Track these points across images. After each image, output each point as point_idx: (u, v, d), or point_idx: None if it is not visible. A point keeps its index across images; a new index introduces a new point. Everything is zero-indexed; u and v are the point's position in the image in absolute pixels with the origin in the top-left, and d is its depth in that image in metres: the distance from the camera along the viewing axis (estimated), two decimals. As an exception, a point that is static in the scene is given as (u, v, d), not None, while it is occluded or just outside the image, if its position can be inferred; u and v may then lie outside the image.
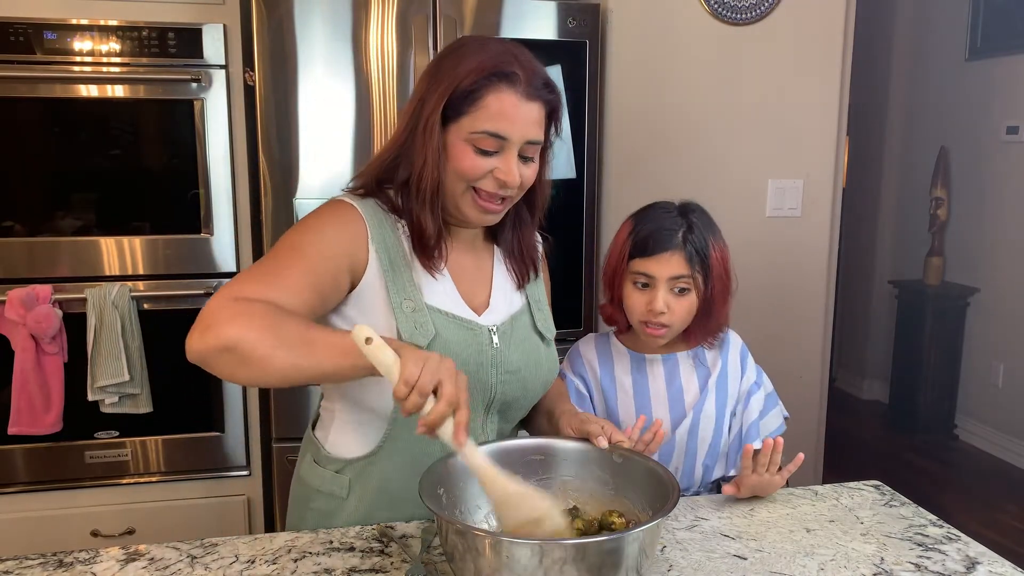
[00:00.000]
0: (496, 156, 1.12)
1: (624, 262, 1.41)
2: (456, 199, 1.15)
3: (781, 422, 1.47)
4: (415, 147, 1.13)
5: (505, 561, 0.89)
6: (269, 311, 1.00)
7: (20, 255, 2.18)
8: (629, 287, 1.41)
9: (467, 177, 1.13)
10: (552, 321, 1.35)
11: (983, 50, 3.92)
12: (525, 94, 1.11)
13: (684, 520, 1.23)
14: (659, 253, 1.36)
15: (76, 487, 2.28)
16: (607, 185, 2.48)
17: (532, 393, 1.27)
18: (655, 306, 1.36)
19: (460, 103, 1.10)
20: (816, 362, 2.68)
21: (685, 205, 1.43)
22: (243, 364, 0.97)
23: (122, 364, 2.17)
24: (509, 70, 1.10)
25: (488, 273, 1.28)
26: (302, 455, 1.32)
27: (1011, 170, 3.79)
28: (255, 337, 0.96)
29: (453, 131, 1.12)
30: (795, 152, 2.57)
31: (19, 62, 2.12)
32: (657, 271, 1.36)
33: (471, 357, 1.18)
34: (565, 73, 2.31)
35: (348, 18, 2.16)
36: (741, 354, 1.49)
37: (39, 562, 1.09)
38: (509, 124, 1.11)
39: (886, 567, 1.09)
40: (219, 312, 0.99)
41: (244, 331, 0.96)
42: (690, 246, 1.36)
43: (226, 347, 0.97)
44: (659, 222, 1.39)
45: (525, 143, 1.13)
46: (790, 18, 2.49)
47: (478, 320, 1.21)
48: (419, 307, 1.15)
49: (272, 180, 2.18)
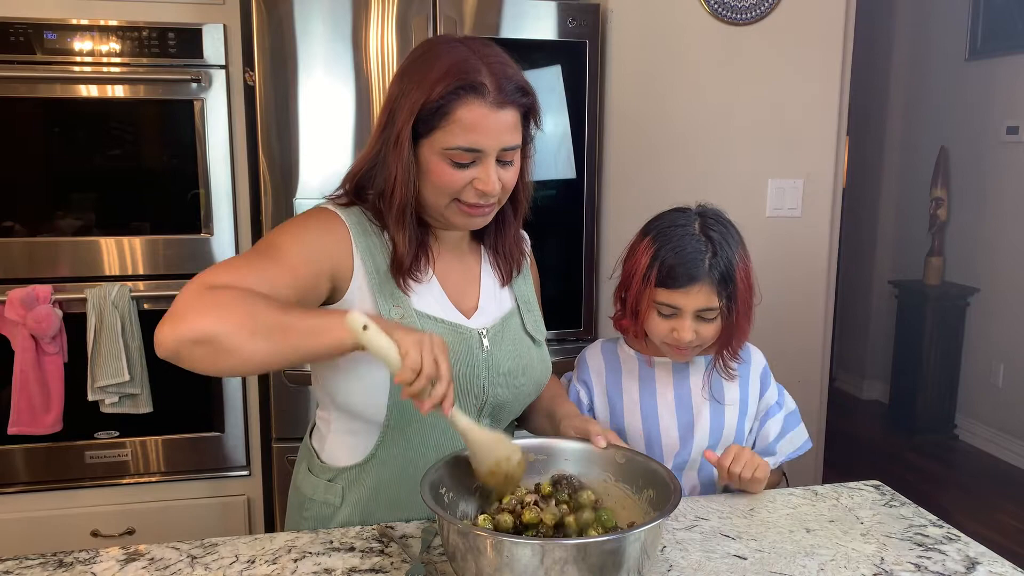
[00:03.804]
0: (473, 167, 1.10)
1: (649, 288, 1.33)
2: (441, 211, 1.14)
3: (805, 439, 1.45)
4: (388, 162, 1.11)
5: (506, 560, 0.89)
6: (243, 297, 0.97)
7: (20, 255, 2.18)
8: (653, 314, 1.35)
9: (447, 191, 1.11)
10: (543, 322, 1.33)
11: (983, 50, 3.92)
12: (496, 103, 1.08)
13: (684, 520, 1.23)
14: (687, 286, 1.30)
15: (76, 487, 2.28)
16: (607, 185, 2.48)
17: (524, 395, 1.27)
18: (683, 336, 1.31)
19: (431, 118, 1.08)
20: (816, 362, 2.68)
21: (704, 215, 1.36)
22: (219, 355, 0.94)
23: (122, 364, 2.17)
24: (477, 80, 1.07)
25: (476, 274, 1.27)
26: (299, 463, 1.32)
27: (1011, 170, 3.79)
28: (230, 327, 0.93)
29: (427, 146, 1.10)
30: (795, 152, 2.57)
31: (19, 62, 2.12)
32: (683, 303, 1.31)
33: (462, 361, 1.17)
34: (565, 73, 2.31)
35: (348, 18, 2.16)
36: (763, 373, 1.45)
37: (39, 562, 1.09)
38: (482, 136, 1.08)
39: (886, 567, 1.09)
40: (192, 302, 0.95)
41: (218, 321, 0.93)
42: (716, 272, 1.30)
43: (200, 339, 0.93)
44: (684, 251, 1.31)
45: (502, 150, 1.10)
46: (790, 18, 2.49)
47: (468, 324, 1.20)
48: (408, 313, 1.15)
49: (272, 180, 2.18)
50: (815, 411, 2.69)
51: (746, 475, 1.27)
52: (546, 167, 2.33)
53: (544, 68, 2.30)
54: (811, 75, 2.54)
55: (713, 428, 1.40)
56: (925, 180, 4.20)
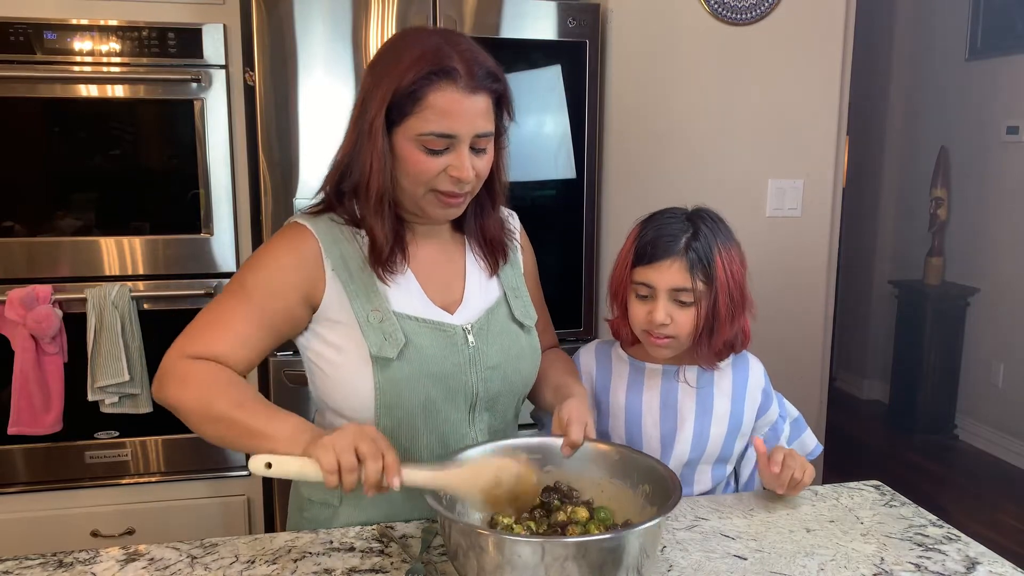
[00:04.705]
0: (447, 154, 1.10)
1: (627, 270, 1.33)
2: (417, 201, 1.14)
3: (816, 444, 1.43)
4: (363, 152, 1.11)
5: (508, 558, 0.90)
6: (207, 379, 1.08)
7: (20, 255, 2.18)
8: (632, 297, 1.33)
9: (422, 180, 1.11)
10: (532, 307, 1.31)
11: (983, 50, 3.92)
12: (468, 88, 1.08)
13: (684, 520, 1.23)
14: (659, 260, 1.28)
15: (76, 487, 2.28)
16: (607, 185, 2.48)
17: (515, 386, 1.25)
18: (655, 317, 1.28)
19: (403, 104, 1.08)
20: (816, 362, 2.68)
21: (696, 211, 1.35)
22: (186, 421, 1.09)
23: (122, 364, 2.17)
24: (448, 65, 1.07)
25: (460, 266, 1.25)
26: None
27: (1011, 170, 3.79)
28: (190, 407, 1.07)
29: (400, 134, 1.10)
30: (795, 152, 2.57)
31: (19, 62, 2.12)
32: (656, 280, 1.29)
33: (447, 359, 1.17)
34: (565, 73, 2.31)
35: (348, 18, 2.16)
36: (764, 391, 1.41)
37: (39, 562, 1.09)
38: (455, 122, 1.08)
39: (886, 567, 1.09)
40: (169, 371, 1.10)
41: (181, 399, 1.08)
42: (692, 253, 1.27)
43: (170, 407, 1.09)
44: (663, 229, 1.30)
45: (475, 136, 1.10)
46: (790, 18, 2.49)
47: (451, 320, 1.19)
48: (386, 316, 1.14)
49: (272, 180, 2.18)
50: (815, 411, 2.69)
51: (798, 476, 1.25)
52: (546, 167, 2.33)
53: (544, 68, 2.30)
54: (811, 75, 2.54)
55: (696, 440, 1.36)
56: (925, 180, 4.20)
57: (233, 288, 1.15)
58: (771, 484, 1.28)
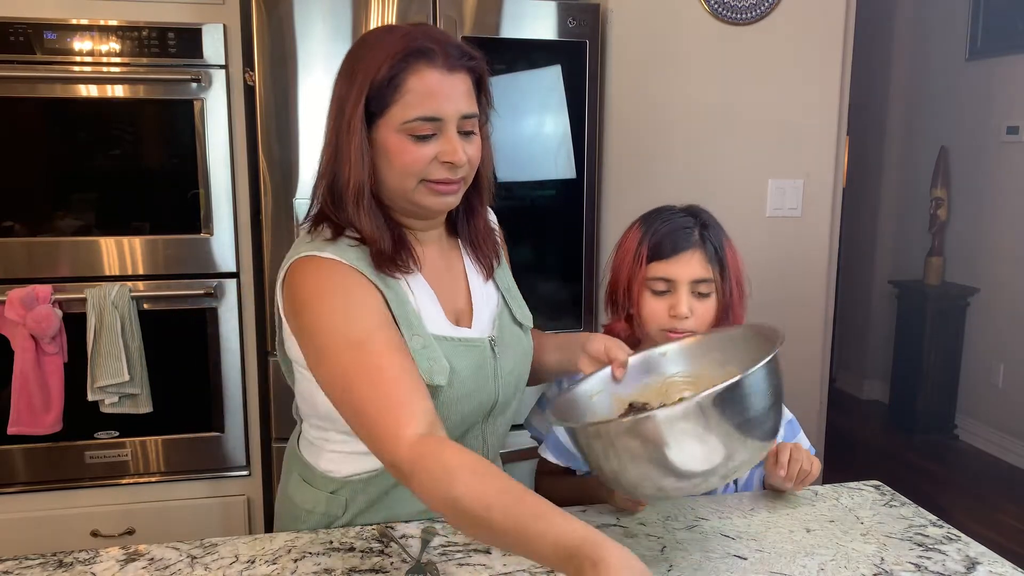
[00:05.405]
0: (435, 140, 1.05)
1: (640, 268, 1.31)
2: (410, 195, 1.09)
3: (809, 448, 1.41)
4: (342, 150, 1.07)
5: (667, 432, 0.93)
6: (479, 512, 0.88)
7: (20, 255, 2.18)
8: (647, 296, 1.32)
9: (413, 171, 1.06)
10: (526, 307, 1.29)
11: (983, 50, 3.92)
12: (447, 67, 1.04)
13: (684, 520, 1.23)
14: (679, 254, 1.28)
15: (76, 487, 2.28)
16: (607, 185, 2.48)
17: (522, 386, 1.26)
18: (679, 310, 1.28)
19: (383, 94, 1.04)
20: (816, 362, 2.68)
21: (690, 206, 1.37)
22: None
23: (122, 364, 2.17)
24: (424, 46, 1.04)
25: (461, 272, 1.22)
26: (287, 472, 1.27)
27: (1011, 170, 3.79)
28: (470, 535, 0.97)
29: (383, 127, 1.05)
30: (795, 152, 2.57)
31: (19, 62, 2.12)
32: (677, 273, 1.29)
33: (479, 375, 1.14)
34: (565, 73, 2.31)
35: (348, 18, 2.16)
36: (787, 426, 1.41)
37: (39, 562, 1.09)
38: (440, 102, 1.04)
39: (886, 567, 1.09)
40: (428, 464, 0.92)
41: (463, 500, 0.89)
42: (709, 244, 1.30)
43: (447, 508, 0.91)
44: (673, 223, 1.31)
45: (461, 118, 1.06)
46: (790, 18, 2.49)
47: (476, 335, 1.16)
48: (427, 342, 1.09)
49: (272, 180, 2.18)
50: (815, 411, 2.69)
51: (806, 467, 1.25)
52: (546, 167, 2.32)
53: (544, 68, 2.30)
54: (811, 75, 2.54)
55: None
56: (925, 180, 4.20)
57: (343, 356, 1.01)
58: (777, 483, 1.28)
